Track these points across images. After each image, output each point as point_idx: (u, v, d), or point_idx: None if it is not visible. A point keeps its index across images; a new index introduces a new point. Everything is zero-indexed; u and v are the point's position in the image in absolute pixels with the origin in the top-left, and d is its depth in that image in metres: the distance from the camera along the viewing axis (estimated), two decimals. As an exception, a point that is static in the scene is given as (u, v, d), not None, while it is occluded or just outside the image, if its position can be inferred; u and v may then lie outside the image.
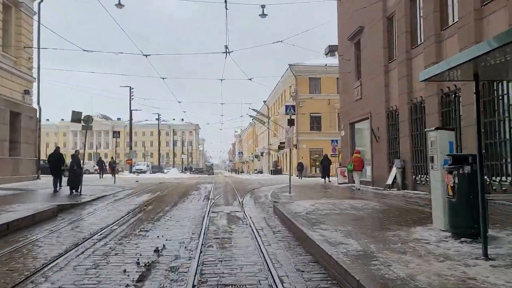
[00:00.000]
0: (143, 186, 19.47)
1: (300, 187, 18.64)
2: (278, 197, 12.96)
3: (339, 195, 13.41)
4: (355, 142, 19.83)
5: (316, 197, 12.31)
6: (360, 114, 18.25)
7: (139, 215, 9.41)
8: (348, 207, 9.12)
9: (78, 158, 15.36)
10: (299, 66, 37.18)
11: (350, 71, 19.59)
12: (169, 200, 12.97)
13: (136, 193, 15.41)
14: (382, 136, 15.92)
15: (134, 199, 13.15)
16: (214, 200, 13.01)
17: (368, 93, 17.34)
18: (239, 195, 14.59)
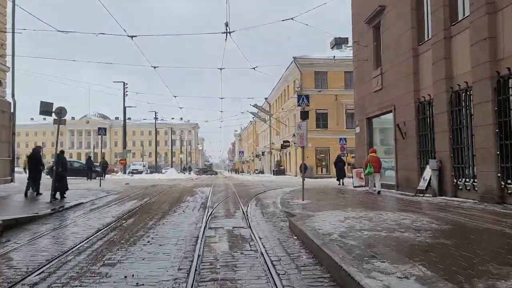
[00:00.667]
0: (132, 190, 17.09)
1: (311, 191, 16.25)
2: (290, 206, 10.60)
3: (366, 203, 11.03)
4: (373, 139, 17.45)
5: (339, 207, 9.93)
6: (380, 107, 15.87)
7: (112, 235, 7.03)
8: (394, 224, 6.73)
9: (63, 159, 13.14)
10: (304, 59, 34.77)
11: (367, 58, 17.21)
12: (157, 209, 10.59)
13: (120, 200, 13.03)
14: (410, 132, 13.55)
15: (115, 209, 10.76)
16: (213, 209, 10.65)
17: (390, 82, 14.96)
18: (242, 202, 12.23)
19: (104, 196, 14.05)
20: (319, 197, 13.34)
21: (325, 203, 11.07)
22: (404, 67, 13.81)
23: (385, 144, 17.01)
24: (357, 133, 18.63)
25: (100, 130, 18.10)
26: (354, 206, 10.11)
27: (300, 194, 14.31)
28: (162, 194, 15.12)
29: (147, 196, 14.21)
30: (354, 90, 19.20)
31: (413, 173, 13.41)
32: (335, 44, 39.07)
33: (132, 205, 11.47)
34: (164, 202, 12.23)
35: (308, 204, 11.00)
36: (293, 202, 11.62)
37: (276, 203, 11.86)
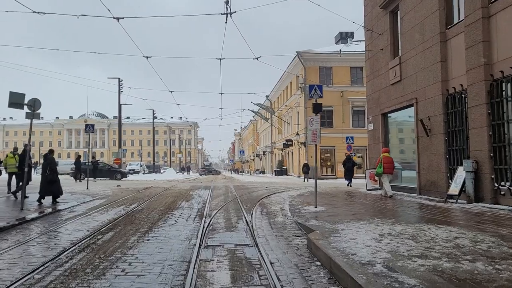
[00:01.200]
0: (122, 194, 15.41)
1: (320, 194, 14.58)
2: (301, 215, 8.93)
3: (391, 211, 9.34)
4: (388, 137, 15.77)
5: (362, 216, 8.25)
6: (399, 101, 14.19)
7: (78, 259, 5.37)
8: (451, 247, 5.04)
9: (51, 160, 11.62)
10: (308, 54, 33.04)
11: (382, 48, 15.53)
12: (144, 219, 8.90)
13: (104, 206, 11.34)
14: (436, 128, 11.88)
15: (94, 218, 9.08)
16: (211, 218, 8.98)
17: (411, 73, 13.28)
18: (245, 209, 10.56)
19: (87, 202, 12.36)
20: (332, 202, 11.67)
21: (343, 211, 9.40)
22: (429, 55, 12.14)
23: (402, 142, 15.34)
24: (370, 131, 16.95)
25: (88, 127, 16.42)
26: (379, 215, 8.43)
27: (310, 198, 12.69)
28: (155, 199, 13.44)
29: (136, 202, 12.53)
30: (366, 84, 17.52)
31: (439, 175, 11.74)
32: (340, 39, 37.48)
33: (117, 213, 9.78)
34: (154, 210, 10.54)
35: (323, 212, 9.34)
36: (304, 209, 9.97)
37: (284, 210, 10.20)
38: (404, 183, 14.72)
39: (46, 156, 11.86)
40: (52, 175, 11.49)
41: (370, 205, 10.65)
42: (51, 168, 11.54)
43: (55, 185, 11.57)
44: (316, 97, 10.63)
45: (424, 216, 8.25)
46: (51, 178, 11.46)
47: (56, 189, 11.61)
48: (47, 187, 11.43)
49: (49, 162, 11.61)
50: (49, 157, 11.75)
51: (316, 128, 10.31)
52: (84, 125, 16.82)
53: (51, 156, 11.90)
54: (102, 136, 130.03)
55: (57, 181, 11.62)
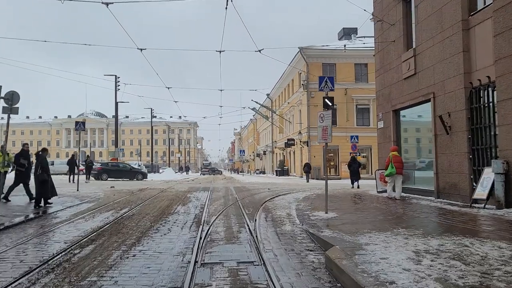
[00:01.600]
0: (113, 196, 14.32)
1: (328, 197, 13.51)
2: (312, 222, 7.87)
3: (414, 219, 8.26)
4: (400, 136, 14.69)
5: (383, 225, 7.17)
6: (413, 96, 13.11)
7: (40, 284, 4.29)
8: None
9: (42, 159, 10.77)
10: (311, 50, 31.94)
11: (394, 39, 14.45)
12: (133, 227, 7.82)
13: (92, 211, 10.26)
14: (458, 125, 10.80)
15: (77, 227, 7.99)
16: (209, 226, 7.91)
17: (428, 65, 12.20)
18: (247, 214, 9.49)
19: (74, 206, 11.28)
20: (343, 207, 10.60)
21: (358, 218, 8.32)
22: (449, 45, 11.06)
23: (417, 141, 14.27)
24: (380, 129, 15.86)
25: (78, 124, 15.34)
26: (402, 224, 7.36)
27: (318, 202, 11.64)
28: (148, 202, 12.35)
29: (128, 205, 11.44)
30: (375, 79, 16.43)
31: (461, 177, 10.66)
32: (344, 35, 36.42)
33: (104, 220, 8.69)
34: (146, 215, 9.45)
35: (335, 219, 8.28)
36: (314, 215, 8.90)
37: (291, 217, 9.12)
38: (418, 185, 13.64)
39: (38, 155, 10.98)
40: (43, 175, 10.60)
41: (386, 211, 9.57)
42: (42, 167, 10.67)
43: (45, 186, 10.68)
44: (326, 90, 9.56)
45: (454, 225, 7.16)
46: (42, 178, 10.59)
47: (46, 190, 10.72)
48: (40, 188, 10.58)
49: (40, 161, 10.76)
50: (40, 156, 10.89)
51: (327, 124, 9.25)
52: (75, 123, 15.70)
53: (43, 155, 11.01)
54: (101, 135, 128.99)
55: (48, 181, 10.74)
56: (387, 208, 10.11)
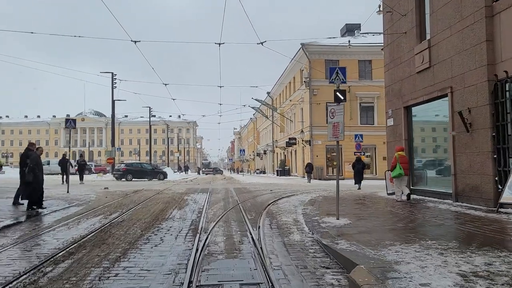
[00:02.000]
0: (105, 199, 13.39)
1: (333, 199, 12.57)
2: (323, 230, 6.95)
3: (439, 226, 7.32)
4: (412, 134, 13.75)
5: (407, 236, 6.24)
6: (427, 91, 12.18)
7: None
8: None
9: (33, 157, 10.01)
10: (313, 46, 30.97)
11: (405, 31, 13.51)
12: (121, 236, 6.87)
13: (77, 216, 9.30)
14: (480, 121, 9.86)
15: (56, 236, 7.04)
16: (207, 235, 6.97)
17: (444, 57, 11.27)
18: (250, 220, 8.55)
19: (60, 210, 10.34)
20: (354, 211, 9.66)
21: (375, 226, 7.39)
22: (469, 35, 10.12)
23: (430, 140, 13.34)
24: (390, 127, 14.93)
25: (68, 122, 14.40)
26: (429, 234, 6.42)
27: (326, 206, 10.72)
28: (142, 206, 11.40)
29: (119, 210, 10.50)
30: (384, 73, 15.49)
31: (484, 179, 9.72)
32: (346, 31, 35.47)
33: (89, 228, 7.75)
34: (137, 221, 8.51)
35: (349, 226, 7.35)
36: (324, 221, 7.97)
37: (299, 223, 8.19)
38: (432, 186, 12.71)
39: (27, 151, 10.20)
40: (29, 175, 9.73)
41: (404, 216, 8.63)
42: (29, 167, 9.82)
43: (29, 188, 9.83)
44: (337, 83, 8.62)
45: (490, 235, 6.22)
46: (27, 179, 9.72)
47: (30, 193, 9.87)
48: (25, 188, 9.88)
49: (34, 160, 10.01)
50: (28, 153, 10.09)
51: (338, 120, 8.30)
52: (65, 121, 14.76)
53: (34, 154, 10.16)
54: (100, 134, 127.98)
55: (33, 183, 9.81)
56: (404, 213, 9.17)
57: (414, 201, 11.63)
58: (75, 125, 14.66)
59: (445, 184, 11.74)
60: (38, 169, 10.07)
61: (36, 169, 10.00)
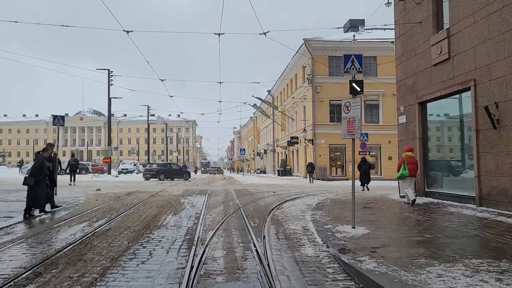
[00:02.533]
0: (95, 202, 12.36)
1: (343, 203, 11.60)
2: (340, 242, 5.94)
3: (474, 237, 6.30)
4: (427, 132, 12.74)
5: (443, 251, 5.23)
6: (446, 85, 11.16)
7: None
8: None
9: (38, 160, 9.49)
10: (317, 42, 29.92)
11: (420, 20, 12.49)
12: (101, 250, 5.84)
13: (59, 223, 8.26)
14: (509, 117, 8.85)
15: (25, 250, 6.02)
16: (204, 247, 5.96)
17: (467, 47, 10.25)
18: (253, 228, 7.52)
19: (41, 215, 9.30)
20: (370, 217, 8.63)
21: (400, 237, 6.37)
22: (497, 21, 9.11)
23: (447, 138, 12.32)
24: (402, 124, 13.91)
25: (56, 119, 13.37)
26: (468, 248, 5.42)
27: (336, 210, 9.69)
28: (133, 211, 10.37)
29: (107, 215, 9.46)
30: (396, 67, 14.46)
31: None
32: (350, 27, 34.43)
33: (68, 238, 6.72)
34: (125, 230, 7.48)
35: (369, 237, 6.34)
36: (339, 231, 6.96)
37: (310, 233, 7.16)
38: (449, 189, 11.69)
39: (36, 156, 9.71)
40: (30, 179, 9.08)
41: (428, 224, 7.61)
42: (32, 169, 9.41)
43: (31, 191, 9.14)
44: (353, 72, 7.62)
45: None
46: (27, 182, 9.11)
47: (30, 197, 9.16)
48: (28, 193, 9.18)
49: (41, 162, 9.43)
50: (36, 157, 9.55)
51: (354, 115, 7.29)
52: (52, 116, 13.75)
53: (40, 156, 9.47)
54: (98, 134, 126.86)
55: (33, 186, 9.10)
56: (426, 219, 8.15)
57: (433, 205, 10.62)
58: (63, 122, 13.63)
59: (466, 187, 10.73)
60: (41, 172, 9.28)
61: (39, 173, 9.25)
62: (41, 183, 9.27)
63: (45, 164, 9.48)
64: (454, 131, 12.02)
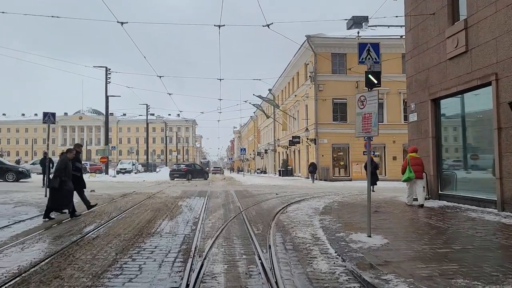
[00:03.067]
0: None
1: (351, 207, 10.85)
2: (358, 256, 5.19)
3: (508, 247, 5.54)
4: (440, 131, 11.98)
5: (480, 267, 4.47)
6: (463, 80, 10.40)
7: None
8: None
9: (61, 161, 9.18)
10: (320, 39, 29.11)
11: (433, 12, 11.73)
12: (85, 265, 5.07)
13: (42, 230, 7.49)
14: (537, 114, 8.08)
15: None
16: (202, 260, 5.21)
17: (487, 38, 9.49)
18: (257, 237, 6.75)
19: (26, 220, 8.53)
20: (385, 224, 7.87)
21: (424, 249, 5.62)
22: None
23: (462, 137, 11.54)
24: (413, 122, 13.15)
25: (47, 116, 12.62)
26: (504, 262, 4.65)
27: (347, 216, 8.93)
28: (126, 215, 9.60)
29: (97, 220, 8.70)
30: (406, 62, 13.70)
31: (544, 184, 7.94)
32: (353, 24, 33.66)
33: (49, 248, 5.95)
34: (115, 238, 6.71)
35: (389, 248, 5.59)
36: (353, 240, 6.21)
37: (321, 242, 6.40)
38: (465, 192, 10.91)
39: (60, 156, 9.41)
40: (54, 181, 8.80)
41: (452, 233, 6.85)
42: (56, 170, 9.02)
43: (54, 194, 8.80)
44: (369, 63, 6.86)
45: None
46: (51, 185, 8.88)
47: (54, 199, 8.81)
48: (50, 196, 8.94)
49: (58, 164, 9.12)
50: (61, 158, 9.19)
51: (370, 110, 6.51)
52: (43, 114, 12.98)
53: (64, 156, 9.10)
54: (98, 133, 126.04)
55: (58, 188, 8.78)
56: (447, 227, 7.39)
57: (449, 209, 9.86)
58: (54, 119, 12.87)
59: (485, 190, 9.97)
60: (65, 173, 8.93)
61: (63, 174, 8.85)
62: (66, 184, 8.92)
63: (69, 165, 9.16)
64: (471, 130, 11.25)
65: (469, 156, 11.16)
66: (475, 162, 11.00)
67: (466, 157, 11.26)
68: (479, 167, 10.81)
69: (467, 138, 11.32)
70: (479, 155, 10.83)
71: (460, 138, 11.73)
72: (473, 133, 11.22)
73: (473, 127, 11.18)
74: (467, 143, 11.31)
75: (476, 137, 11.02)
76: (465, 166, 11.32)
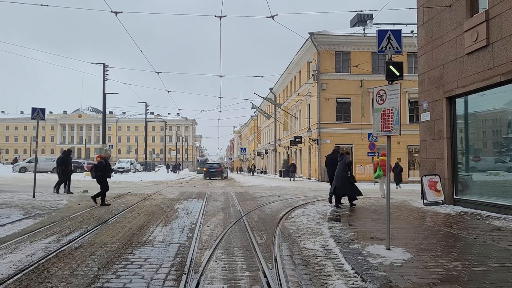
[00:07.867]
0: (77, 207, 10.85)
1: (361, 212, 10.07)
2: (380, 275, 4.40)
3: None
4: (456, 131, 11.21)
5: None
6: (483, 76, 9.63)
7: None
8: None
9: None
10: (323, 36, 28.31)
11: (450, 4, 10.95)
12: (60, 282, 4.27)
13: (21, 237, 6.69)
14: None
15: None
16: (198, 280, 4.42)
17: (511, 31, 8.70)
18: (260, 248, 5.97)
19: (7, 224, 7.74)
20: (402, 234, 7.09)
21: (455, 267, 4.83)
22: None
23: (482, 138, 10.76)
24: (425, 122, 12.37)
25: (36, 112, 11.86)
26: None
27: (360, 223, 8.14)
28: (117, 219, 8.81)
29: (84, 225, 7.91)
30: (418, 58, 12.91)
31: None
32: (357, 22, 32.90)
33: (21, 261, 5.16)
34: (100, 248, 5.92)
35: (414, 265, 4.84)
36: (370, 253, 5.45)
37: (334, 255, 5.61)
38: (484, 197, 10.12)
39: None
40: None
41: (479, 245, 6.07)
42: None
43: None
44: (390, 53, 6.06)
45: None
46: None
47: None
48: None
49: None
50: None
51: (392, 106, 5.73)
52: (32, 110, 12.21)
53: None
54: (97, 131, 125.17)
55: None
56: (474, 238, 6.61)
57: (468, 216, 9.08)
58: (44, 115, 12.10)
59: (507, 195, 9.19)
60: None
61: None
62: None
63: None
64: (491, 130, 10.47)
65: (490, 159, 10.38)
66: (497, 165, 10.21)
67: (487, 159, 10.48)
68: (502, 170, 10.02)
69: (488, 139, 10.54)
70: (502, 158, 10.05)
71: (479, 139, 10.95)
72: (495, 134, 10.44)
73: (494, 127, 10.39)
74: (488, 144, 10.54)
75: (499, 138, 10.24)
76: (486, 170, 10.55)
